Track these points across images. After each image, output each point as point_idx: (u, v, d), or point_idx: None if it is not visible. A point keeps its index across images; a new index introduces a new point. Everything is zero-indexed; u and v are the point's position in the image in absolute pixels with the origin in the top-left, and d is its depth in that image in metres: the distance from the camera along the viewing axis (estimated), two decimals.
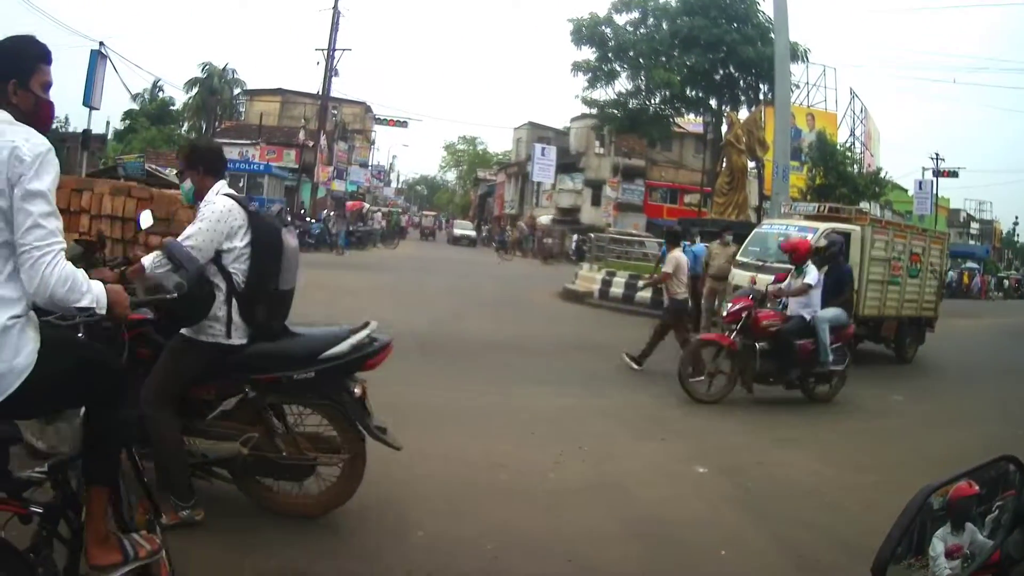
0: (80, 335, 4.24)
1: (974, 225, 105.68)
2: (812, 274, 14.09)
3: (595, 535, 7.10)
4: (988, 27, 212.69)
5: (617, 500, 8.16)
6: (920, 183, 72.86)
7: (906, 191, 77.43)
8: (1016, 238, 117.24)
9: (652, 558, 6.78)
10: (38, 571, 3.74)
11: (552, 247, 63.21)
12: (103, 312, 3.95)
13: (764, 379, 13.90)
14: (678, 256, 16.77)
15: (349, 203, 63.44)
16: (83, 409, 4.21)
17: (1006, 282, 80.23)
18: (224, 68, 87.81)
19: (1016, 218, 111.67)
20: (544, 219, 71.48)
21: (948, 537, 2.62)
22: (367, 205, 67.84)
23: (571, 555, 6.59)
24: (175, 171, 44.14)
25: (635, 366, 16.04)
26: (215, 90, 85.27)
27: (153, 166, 50.34)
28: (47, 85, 4.03)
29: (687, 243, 23.62)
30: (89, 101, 38.35)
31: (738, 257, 19.90)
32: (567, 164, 73.71)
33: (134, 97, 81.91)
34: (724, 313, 14.86)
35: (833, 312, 14.45)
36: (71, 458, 4.09)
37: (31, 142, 3.69)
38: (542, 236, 66.21)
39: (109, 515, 4.22)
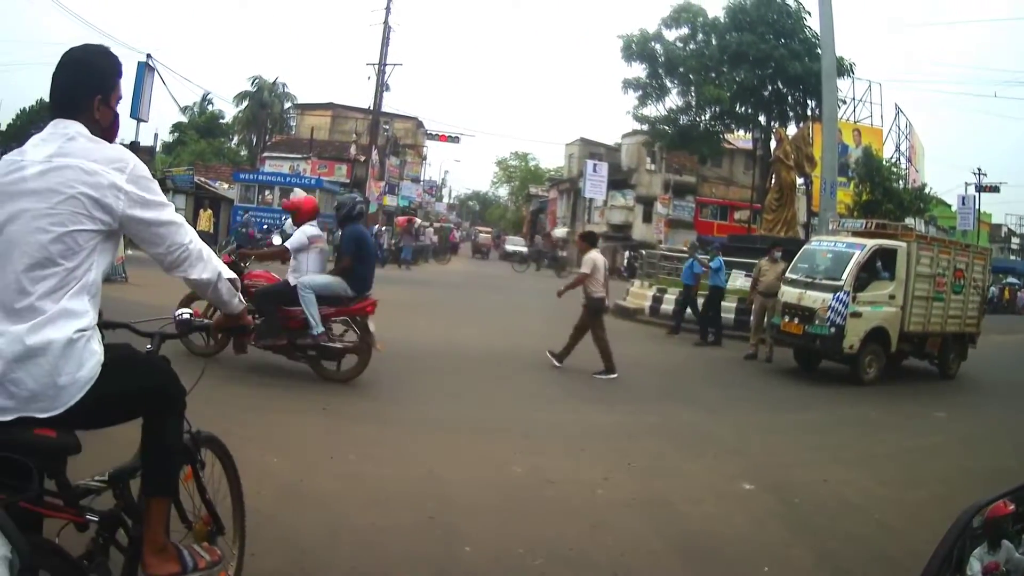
0: (149, 347, 4.30)
1: (1015, 240, 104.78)
2: (295, 236, 13.38)
3: (641, 551, 7.11)
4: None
5: (664, 516, 8.14)
6: (963, 198, 72.83)
7: (949, 206, 77.08)
8: None
9: (696, 574, 6.80)
10: None
11: (565, 260, 63.52)
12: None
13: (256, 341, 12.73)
14: (594, 257, 17.02)
15: (399, 218, 63.56)
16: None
17: None
18: (274, 82, 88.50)
19: None
20: (559, 232, 71.66)
21: (985, 556, 2.63)
22: (419, 220, 68.00)
23: (617, 570, 6.58)
24: (225, 184, 44.02)
25: (556, 363, 16.72)
26: (265, 104, 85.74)
27: (202, 178, 51.03)
28: (120, 100, 4.09)
29: (704, 255, 25.18)
30: (136, 113, 38.63)
31: (787, 274, 19.94)
32: (618, 180, 73.53)
33: (183, 110, 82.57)
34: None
35: (320, 279, 13.22)
36: (132, 468, 4.08)
37: (127, 171, 3.75)
38: (557, 249, 66.61)
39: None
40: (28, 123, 70.33)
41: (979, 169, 74.39)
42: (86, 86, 3.88)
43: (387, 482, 8.23)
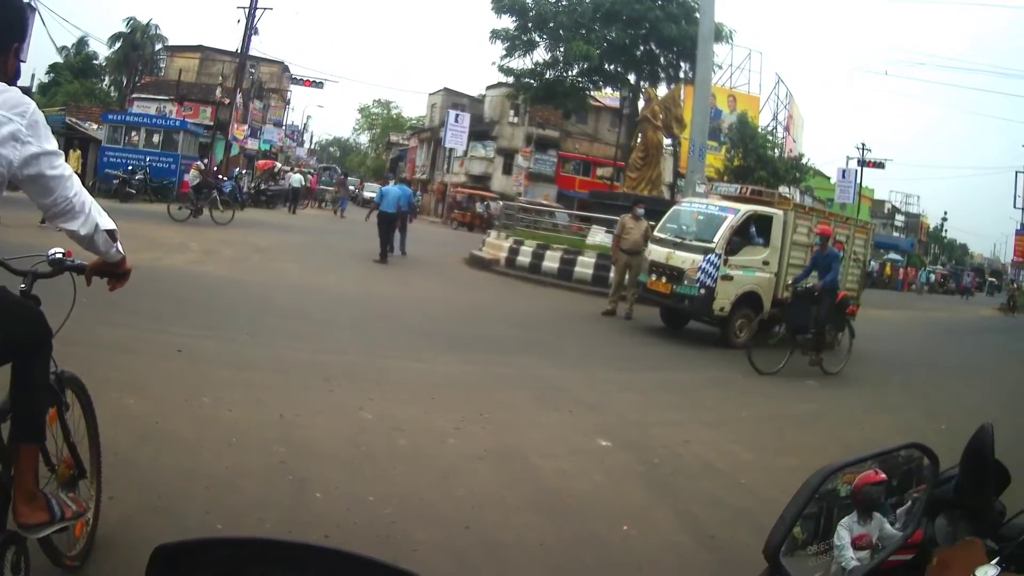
0: (23, 286, 4.21)
1: (899, 217, 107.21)
2: None
3: (493, 504, 7.14)
4: (929, 22, 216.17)
5: (517, 470, 8.17)
6: (844, 172, 73.83)
7: (829, 179, 78.54)
8: (944, 233, 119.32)
9: (551, 530, 6.71)
10: None
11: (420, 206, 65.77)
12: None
13: None
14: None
15: (260, 162, 63.31)
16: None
17: (932, 276, 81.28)
18: (148, 23, 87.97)
19: (945, 213, 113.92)
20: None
21: (854, 526, 2.58)
22: (279, 164, 67.49)
23: (468, 522, 6.60)
24: (95, 125, 43.84)
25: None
26: (137, 45, 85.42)
27: (73, 119, 50.50)
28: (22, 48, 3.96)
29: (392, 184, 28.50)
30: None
31: (656, 233, 20.08)
32: (480, 132, 74.31)
33: (60, 50, 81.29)
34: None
35: None
36: (2, 411, 4.01)
37: (27, 116, 3.61)
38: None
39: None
40: None
41: (863, 144, 75.88)
42: (11, 31, 3.79)
43: (239, 426, 8.16)
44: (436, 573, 5.61)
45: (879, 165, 76.74)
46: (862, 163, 74.93)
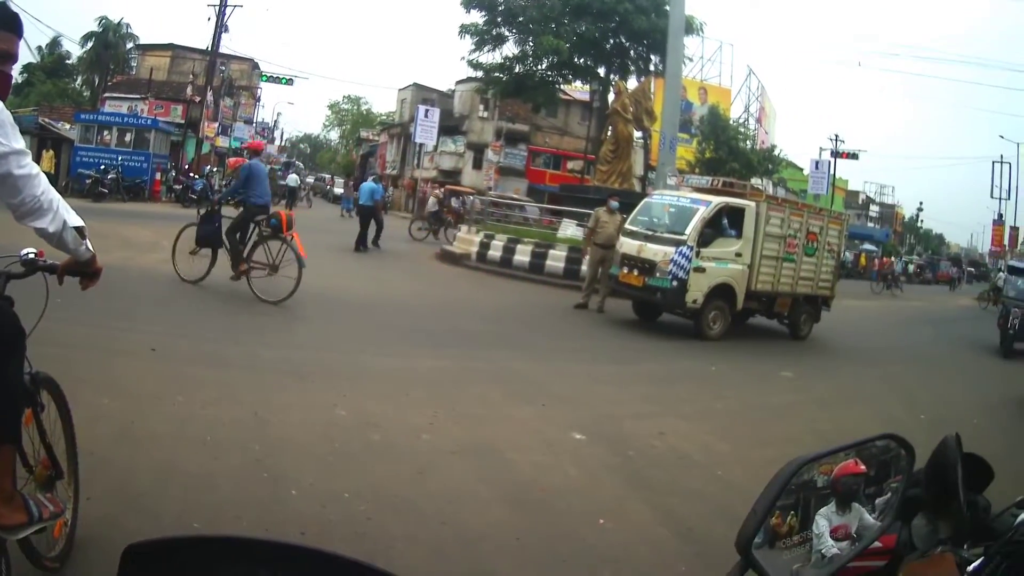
0: None
1: (874, 208, 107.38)
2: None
3: (469, 499, 7.14)
4: (901, 14, 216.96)
5: (492, 464, 8.16)
6: (817, 163, 73.77)
7: (802, 170, 78.57)
8: (920, 223, 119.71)
9: (527, 524, 6.73)
10: None
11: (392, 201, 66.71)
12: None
13: None
14: None
15: (230, 160, 63.11)
16: None
17: (910, 267, 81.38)
18: (119, 22, 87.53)
19: (920, 203, 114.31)
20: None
21: (832, 516, 2.56)
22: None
23: (444, 518, 6.56)
24: (67, 125, 43.64)
25: None
26: (109, 44, 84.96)
27: (46, 119, 50.26)
28: (12, 60, 3.97)
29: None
30: None
31: (627, 226, 19.99)
32: (450, 127, 73.73)
33: (37, 51, 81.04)
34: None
35: None
36: None
37: None
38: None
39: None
40: None
41: (836, 135, 75.68)
42: None
43: (214, 424, 8.12)
44: (412, 568, 5.62)
45: (853, 156, 76.50)
46: (835, 154, 74.67)
